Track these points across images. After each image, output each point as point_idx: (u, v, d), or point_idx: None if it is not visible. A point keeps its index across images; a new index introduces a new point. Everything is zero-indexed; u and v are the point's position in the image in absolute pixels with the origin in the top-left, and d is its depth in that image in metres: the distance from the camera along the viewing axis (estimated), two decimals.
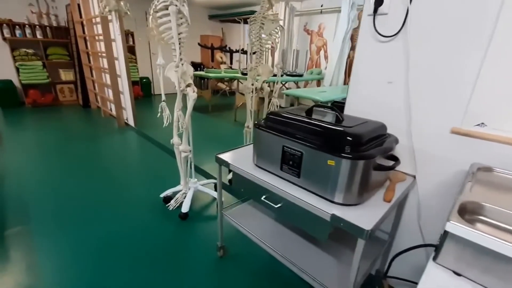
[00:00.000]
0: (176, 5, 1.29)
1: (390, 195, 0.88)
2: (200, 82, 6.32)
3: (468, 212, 0.59)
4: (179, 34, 1.38)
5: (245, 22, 6.82)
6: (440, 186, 1.00)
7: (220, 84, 6.99)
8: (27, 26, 4.50)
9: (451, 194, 0.99)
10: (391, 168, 0.82)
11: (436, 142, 0.97)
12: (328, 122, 0.88)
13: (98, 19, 3.49)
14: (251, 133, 2.26)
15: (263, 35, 1.90)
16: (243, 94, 2.26)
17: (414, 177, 1.05)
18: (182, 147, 1.71)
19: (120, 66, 3.56)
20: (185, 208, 1.78)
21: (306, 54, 5.73)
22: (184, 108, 1.62)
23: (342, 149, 0.78)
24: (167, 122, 1.73)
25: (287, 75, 4.90)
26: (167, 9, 1.31)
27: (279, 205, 0.96)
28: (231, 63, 5.98)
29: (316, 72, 5.53)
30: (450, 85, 0.91)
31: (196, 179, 1.98)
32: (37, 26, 4.59)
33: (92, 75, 4.43)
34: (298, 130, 0.90)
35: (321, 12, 5.28)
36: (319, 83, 5.57)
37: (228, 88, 6.90)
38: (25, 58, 4.54)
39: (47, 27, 4.70)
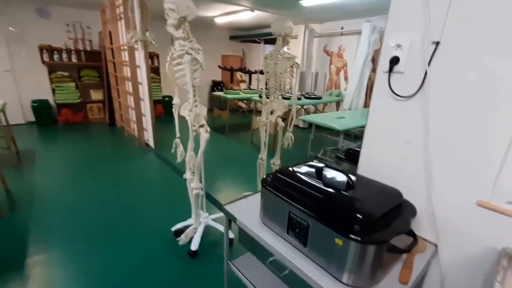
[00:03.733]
0: (191, 54, 1.33)
1: (407, 275, 0.79)
2: (219, 101, 6.46)
3: None
4: (194, 79, 1.41)
5: (266, 42, 6.95)
6: (466, 260, 0.90)
7: (239, 103, 7.11)
8: (64, 50, 4.90)
9: (480, 270, 0.88)
10: (407, 250, 0.75)
11: (461, 213, 0.88)
12: (338, 187, 0.83)
13: (126, 46, 3.71)
14: (265, 165, 2.24)
15: (278, 72, 1.90)
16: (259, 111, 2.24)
17: (436, 245, 0.96)
18: (193, 184, 1.71)
19: (144, 90, 3.73)
20: (194, 246, 1.76)
21: (325, 76, 5.68)
22: (197, 147, 1.63)
23: (350, 228, 0.72)
24: (180, 158, 1.75)
25: (306, 97, 4.87)
26: (182, 57, 1.35)
27: (285, 272, 0.90)
28: (250, 83, 6.09)
29: (336, 93, 5.46)
30: (476, 153, 0.82)
31: (207, 214, 1.96)
32: (73, 51, 4.98)
33: (118, 97, 4.68)
34: (305, 197, 0.86)
35: (341, 34, 5.26)
36: (338, 105, 5.48)
37: (247, 107, 6.99)
38: (61, 80, 4.91)
39: (82, 51, 5.08)
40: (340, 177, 0.93)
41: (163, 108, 6.27)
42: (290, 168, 1.00)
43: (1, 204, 2.10)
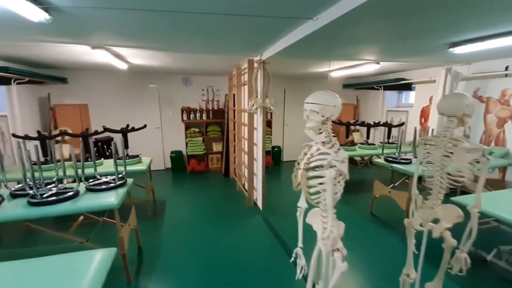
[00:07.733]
0: (335, 166, 0.98)
1: None
2: None
3: None
4: (334, 194, 1.05)
5: (385, 88, 6.15)
6: None
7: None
8: (198, 110, 5.82)
9: None
10: None
11: None
12: None
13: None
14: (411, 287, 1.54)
15: (449, 167, 1.30)
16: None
17: None
18: None
19: (258, 151, 3.75)
20: None
21: (482, 131, 4.28)
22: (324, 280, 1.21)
23: None
24: (301, 274, 1.37)
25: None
26: (322, 166, 1.03)
27: None
28: (367, 136, 5.34)
29: (500, 153, 3.96)
30: None
31: None
32: (204, 110, 5.85)
33: (234, 152, 5.00)
34: None
35: (505, 75, 3.93)
36: (504, 171, 3.91)
37: (362, 161, 6.16)
38: (193, 135, 5.78)
39: (210, 110, 5.90)
40: None
41: (271, 159, 6.34)
42: None
43: (130, 266, 2.25)
